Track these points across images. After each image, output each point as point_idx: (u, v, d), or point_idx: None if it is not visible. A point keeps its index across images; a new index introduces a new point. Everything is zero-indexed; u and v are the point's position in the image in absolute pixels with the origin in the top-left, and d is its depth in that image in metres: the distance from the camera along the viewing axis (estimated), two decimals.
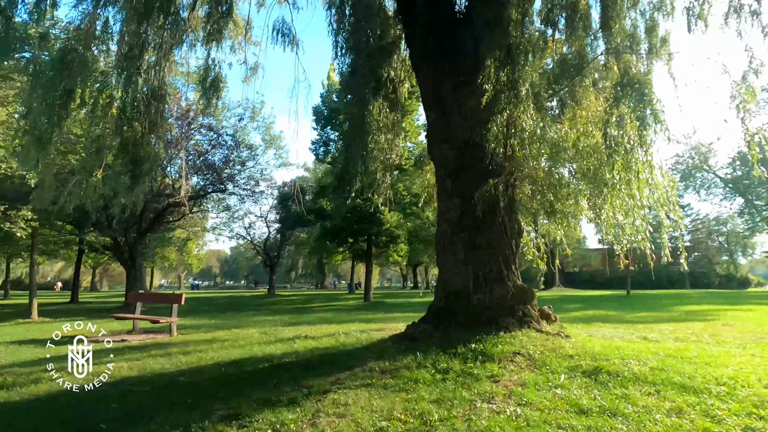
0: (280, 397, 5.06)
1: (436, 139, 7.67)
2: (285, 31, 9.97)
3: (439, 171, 7.66)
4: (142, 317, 10.86)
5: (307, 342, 8.18)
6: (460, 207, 7.09)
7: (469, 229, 7.02)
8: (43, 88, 7.14)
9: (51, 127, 7.23)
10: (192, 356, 7.43)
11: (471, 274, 6.91)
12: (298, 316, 14.49)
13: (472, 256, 6.96)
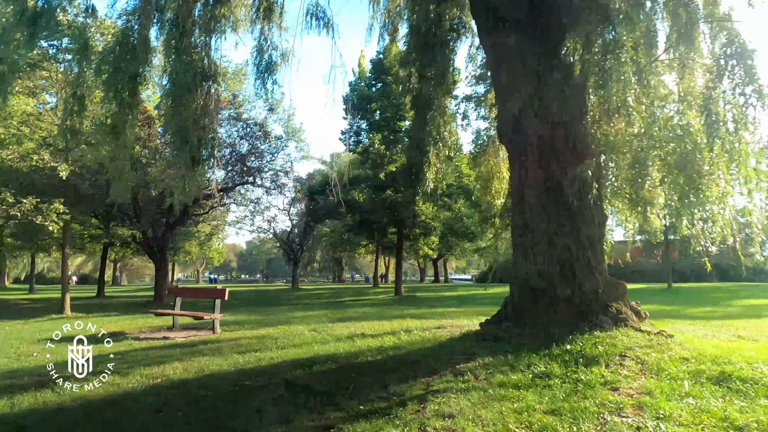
0: (371, 407, 4.50)
1: (514, 121, 6.98)
2: (320, 14, 9.40)
3: (516, 154, 6.98)
4: (183, 313, 10.39)
5: (368, 341, 7.61)
6: (543, 192, 6.42)
7: (555, 217, 6.36)
8: (106, 73, 6.62)
9: (123, 115, 6.73)
10: (249, 356, 6.90)
11: (557, 266, 6.25)
12: (337, 311, 13.94)
13: (558, 248, 6.30)
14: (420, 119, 8.89)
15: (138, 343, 8.68)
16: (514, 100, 6.93)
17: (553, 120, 6.53)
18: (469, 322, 9.11)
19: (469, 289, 28.37)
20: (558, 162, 6.44)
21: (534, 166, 6.55)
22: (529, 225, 6.53)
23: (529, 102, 6.71)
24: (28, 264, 58.08)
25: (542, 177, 6.48)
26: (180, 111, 7.89)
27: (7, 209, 12.67)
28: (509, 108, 6.94)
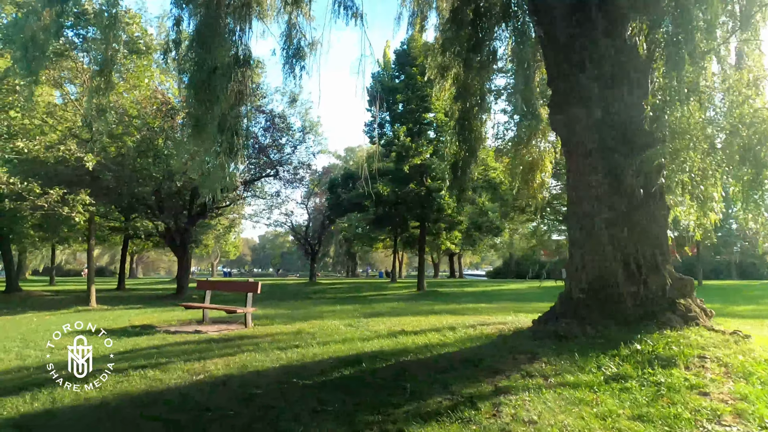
0: (437, 407, 4.19)
1: (571, 107, 6.59)
2: (348, 3, 9.08)
3: (573, 143, 6.59)
4: (215, 306, 10.18)
5: (412, 338, 7.30)
6: (606, 183, 6.03)
7: (618, 210, 5.98)
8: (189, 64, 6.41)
9: (207, 110, 6.51)
10: (290, 352, 6.63)
11: (620, 261, 5.88)
12: (365, 306, 13.67)
13: (621, 241, 5.92)
14: (464, 110, 8.52)
15: (171, 336, 8.47)
16: (569, 85, 6.54)
17: (615, 105, 6.14)
18: (513, 318, 8.77)
19: (490, 285, 28.01)
20: (620, 150, 6.05)
21: (594, 155, 6.16)
22: (589, 218, 6.16)
23: (587, 86, 6.31)
24: (47, 256, 58.80)
25: (603, 166, 6.10)
26: (217, 98, 7.62)
27: (33, 200, 12.56)
28: (564, 94, 6.55)
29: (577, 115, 6.36)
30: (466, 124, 8.33)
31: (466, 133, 8.30)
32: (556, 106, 6.81)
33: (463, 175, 8.45)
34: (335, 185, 23.13)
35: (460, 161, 8.38)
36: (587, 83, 6.24)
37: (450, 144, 8.83)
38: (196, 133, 7.32)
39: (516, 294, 19.61)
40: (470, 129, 8.31)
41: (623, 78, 6.14)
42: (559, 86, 6.76)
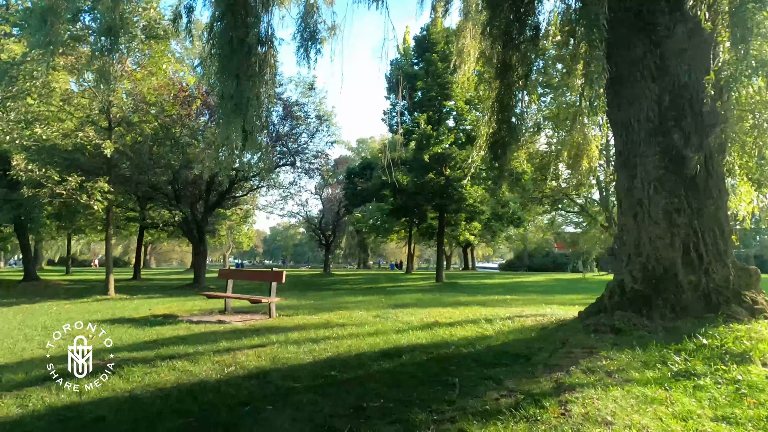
0: (496, 405, 3.85)
1: (625, 85, 6.15)
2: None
3: (626, 125, 6.15)
4: (239, 296, 9.92)
5: (449, 330, 6.96)
6: (663, 166, 5.61)
7: (676, 193, 5.55)
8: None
9: (242, 92, 6.20)
10: (323, 344, 6.32)
11: (679, 249, 5.46)
12: (388, 297, 13.34)
13: (680, 228, 5.50)
14: (506, 90, 8.07)
15: (195, 326, 8.21)
16: (623, 61, 6.09)
17: (674, 82, 5.69)
18: (551, 311, 8.39)
19: (507, 277, 27.58)
20: (680, 130, 5.61)
21: (651, 136, 5.73)
22: (644, 203, 5.74)
23: (643, 62, 5.86)
24: (62, 247, 59.33)
25: (661, 148, 5.67)
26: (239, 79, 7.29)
27: (52, 187, 12.37)
28: (619, 70, 6.10)
29: (632, 93, 5.92)
30: (507, 105, 7.91)
31: (506, 114, 7.88)
32: (608, 84, 6.36)
33: (503, 157, 8.04)
34: (353, 175, 22.77)
35: (500, 143, 7.96)
36: (643, 58, 5.79)
37: (488, 125, 8.40)
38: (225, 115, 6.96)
39: (538, 286, 19.19)
40: (511, 109, 7.89)
41: (684, 52, 5.68)
42: (612, 62, 6.31)
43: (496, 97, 8.07)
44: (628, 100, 5.99)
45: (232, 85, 6.99)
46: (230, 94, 7.11)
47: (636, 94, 5.84)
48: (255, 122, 6.79)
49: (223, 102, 7.03)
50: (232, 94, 6.70)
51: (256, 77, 7.36)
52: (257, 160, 7.71)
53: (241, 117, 6.97)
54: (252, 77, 6.77)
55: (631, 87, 5.92)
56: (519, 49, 7.68)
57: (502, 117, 7.96)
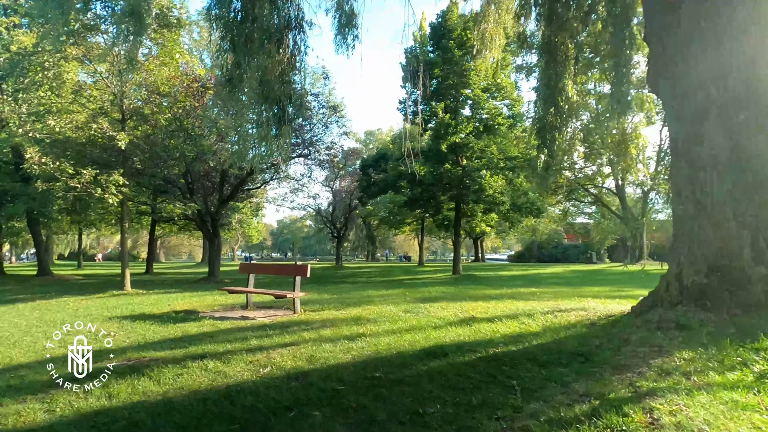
0: (571, 412, 3.50)
1: (678, 63, 5.72)
2: None
3: (681, 107, 5.73)
4: (263, 291, 9.62)
5: (489, 325, 6.62)
6: (728, 149, 5.20)
7: (743, 179, 5.14)
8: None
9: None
10: (360, 342, 5.99)
11: (747, 239, 5.07)
12: (411, 289, 12.96)
13: (747, 216, 5.10)
14: (553, 73, 7.62)
15: (220, 323, 7.91)
16: (676, 38, 5.66)
17: (737, 59, 5.25)
18: (594, 305, 8.03)
19: (523, 269, 27.17)
20: (743, 110, 5.19)
21: (711, 118, 5.32)
22: (707, 190, 5.33)
23: (701, 37, 5.43)
24: (71, 241, 59.48)
25: (723, 130, 5.25)
26: (264, 63, 6.94)
27: (66, 180, 12.09)
28: (670, 48, 5.68)
29: (687, 71, 5.50)
30: (555, 87, 7.48)
31: (554, 97, 7.47)
32: (659, 62, 5.95)
33: (552, 143, 7.64)
34: (367, 166, 22.36)
35: (549, 128, 7.56)
36: (700, 32, 5.36)
37: (537, 108, 7.98)
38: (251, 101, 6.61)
39: (558, 277, 18.80)
40: (560, 92, 7.47)
41: (747, 24, 5.24)
42: (663, 39, 5.88)
43: (542, 79, 7.63)
44: (682, 80, 5.56)
45: (258, 73, 6.66)
46: (260, 80, 6.79)
47: (691, 74, 5.42)
48: (288, 110, 6.42)
49: (253, 89, 6.67)
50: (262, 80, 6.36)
51: (283, 64, 7.03)
52: (276, 149, 7.35)
53: (273, 105, 6.65)
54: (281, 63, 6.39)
55: (686, 65, 5.50)
56: (567, 29, 7.25)
57: (549, 101, 7.54)
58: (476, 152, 19.12)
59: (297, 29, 7.18)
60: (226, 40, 6.86)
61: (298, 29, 7.20)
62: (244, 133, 7.50)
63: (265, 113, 7.04)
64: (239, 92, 6.89)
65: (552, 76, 7.47)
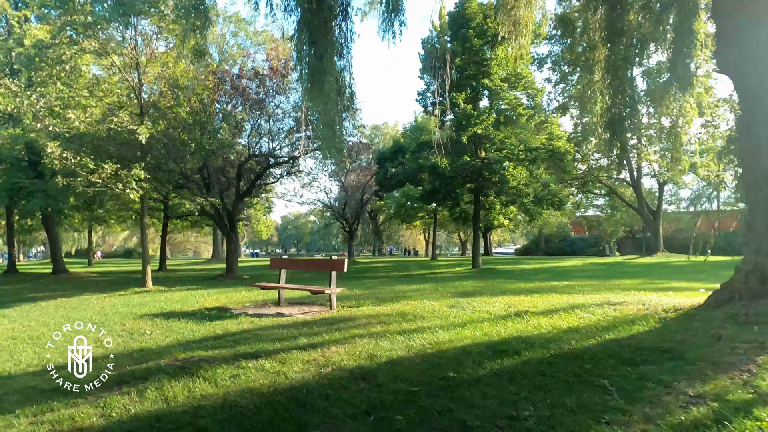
0: (699, 420, 3.19)
1: (748, 40, 5.36)
2: None
3: (751, 87, 5.37)
4: (299, 287, 9.36)
5: (549, 320, 6.32)
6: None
7: None
8: None
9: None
10: (416, 339, 5.69)
11: None
12: (440, 284, 12.64)
13: None
14: (619, 60, 7.21)
15: (258, 320, 7.63)
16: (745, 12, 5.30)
17: None
18: (651, 297, 7.72)
19: (538, 263, 26.79)
20: None
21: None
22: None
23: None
24: (78, 239, 59.36)
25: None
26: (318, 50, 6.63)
27: (87, 176, 11.80)
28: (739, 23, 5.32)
29: (759, 49, 5.14)
30: (619, 74, 7.08)
31: (622, 86, 7.07)
32: (727, 39, 5.58)
33: (622, 134, 7.25)
34: (384, 159, 21.99)
35: (618, 118, 7.16)
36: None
37: (600, 99, 7.57)
38: (314, 89, 6.30)
39: (581, 270, 18.43)
40: (625, 79, 7.07)
41: None
42: (732, 14, 5.52)
43: (606, 68, 7.23)
44: (753, 58, 5.21)
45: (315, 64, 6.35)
46: (317, 68, 6.46)
47: (762, 51, 5.06)
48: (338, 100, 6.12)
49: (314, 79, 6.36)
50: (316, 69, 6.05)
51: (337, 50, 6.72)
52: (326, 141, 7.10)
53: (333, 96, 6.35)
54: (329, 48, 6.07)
55: (757, 42, 5.14)
56: (631, 11, 6.86)
57: (616, 89, 7.13)
58: (496, 143, 18.74)
59: (342, 15, 6.85)
60: (304, 32, 6.54)
61: (343, 16, 6.87)
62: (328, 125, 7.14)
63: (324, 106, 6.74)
64: (324, 85, 6.53)
65: (618, 64, 7.05)
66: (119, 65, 13.70)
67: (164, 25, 12.90)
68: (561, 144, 19.62)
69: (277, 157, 18.43)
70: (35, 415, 4.19)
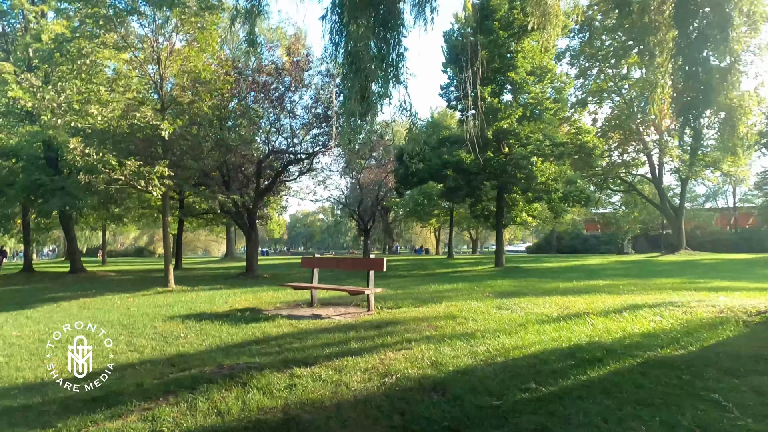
0: None
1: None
2: None
3: None
4: (336, 287, 8.98)
5: (614, 323, 5.88)
6: None
7: None
8: None
9: None
10: (479, 344, 5.27)
11: None
12: (473, 284, 12.12)
13: None
14: (695, 40, 6.67)
15: (297, 322, 7.24)
16: None
17: None
18: (718, 298, 7.24)
19: (557, 260, 26.25)
20: None
21: None
22: None
23: None
24: (89, 237, 59.49)
25: None
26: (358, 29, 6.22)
27: (109, 172, 11.48)
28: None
29: None
30: (695, 59, 6.55)
31: (696, 71, 6.55)
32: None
33: (696, 120, 6.76)
34: (404, 155, 21.47)
35: (692, 105, 6.65)
36: None
37: (663, 85, 7.07)
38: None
39: (613, 269, 17.87)
40: (702, 64, 6.55)
41: None
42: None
43: (676, 50, 6.70)
44: None
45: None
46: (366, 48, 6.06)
47: None
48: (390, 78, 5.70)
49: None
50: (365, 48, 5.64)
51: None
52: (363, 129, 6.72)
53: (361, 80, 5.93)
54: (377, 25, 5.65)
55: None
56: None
57: (688, 74, 6.61)
58: (521, 138, 18.22)
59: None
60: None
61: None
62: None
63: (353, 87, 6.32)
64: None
65: (694, 48, 6.51)
66: (140, 59, 13.39)
67: (186, 17, 12.52)
68: (589, 139, 19.06)
69: (296, 154, 18.04)
70: (78, 429, 3.83)
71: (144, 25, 13.29)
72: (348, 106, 6.31)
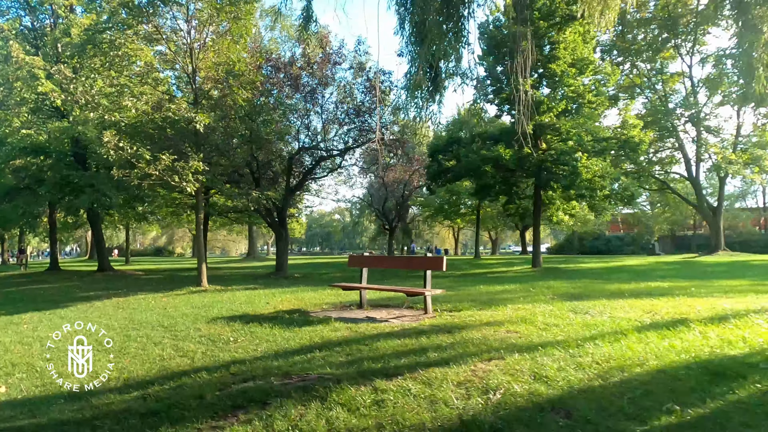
0: None
1: None
2: None
3: None
4: (390, 288, 8.42)
5: (725, 330, 5.19)
6: None
7: None
8: None
9: None
10: (582, 354, 4.61)
11: None
12: (526, 284, 11.48)
13: None
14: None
15: (355, 326, 6.66)
16: None
17: None
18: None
19: (589, 261, 25.32)
20: None
21: None
22: None
23: None
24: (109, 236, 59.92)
25: None
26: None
27: (143, 167, 11.05)
28: None
29: None
30: None
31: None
32: None
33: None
34: (437, 152, 20.84)
35: None
36: None
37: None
38: None
39: (660, 270, 16.92)
40: None
41: None
42: None
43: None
44: None
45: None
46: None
47: None
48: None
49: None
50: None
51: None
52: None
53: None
54: None
55: None
56: None
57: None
58: (562, 133, 17.44)
59: None
60: None
61: None
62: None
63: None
64: None
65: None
66: (173, 50, 12.97)
67: (221, 6, 12.06)
68: (635, 133, 18.15)
69: (329, 150, 17.52)
70: None
71: (177, 16, 12.86)
72: (415, 78, 5.72)
